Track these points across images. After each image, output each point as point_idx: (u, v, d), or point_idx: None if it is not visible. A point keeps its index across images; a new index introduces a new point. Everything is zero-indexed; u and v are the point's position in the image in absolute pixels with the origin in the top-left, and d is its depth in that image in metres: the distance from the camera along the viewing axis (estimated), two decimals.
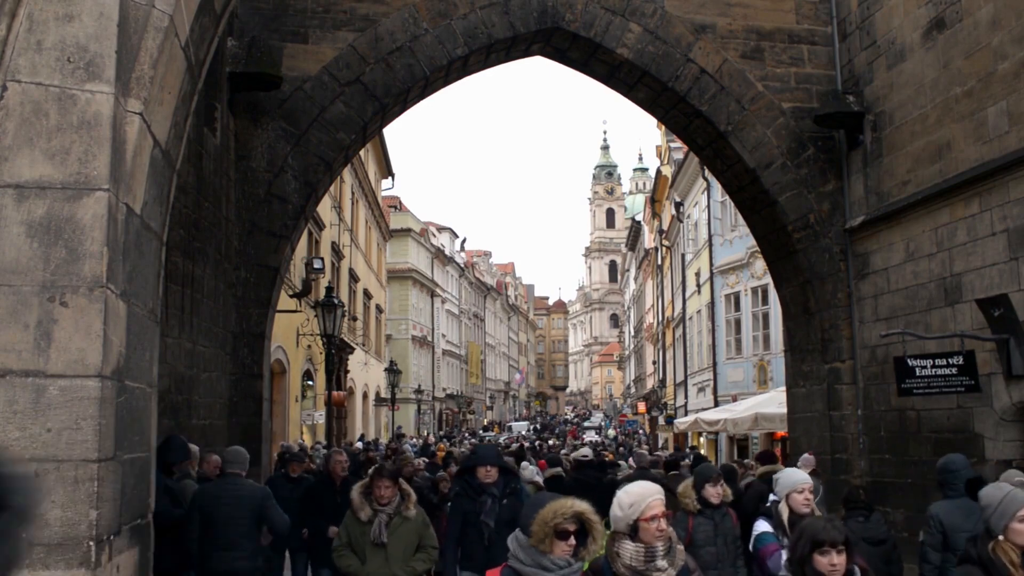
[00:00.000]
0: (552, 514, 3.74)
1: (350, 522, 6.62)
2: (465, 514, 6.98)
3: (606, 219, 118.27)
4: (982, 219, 9.04)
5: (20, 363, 3.59)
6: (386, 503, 6.56)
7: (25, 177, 3.68)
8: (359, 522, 6.54)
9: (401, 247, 47.24)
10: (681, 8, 11.57)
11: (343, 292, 26.95)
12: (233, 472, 7.00)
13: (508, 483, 7.15)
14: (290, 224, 10.70)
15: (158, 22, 4.10)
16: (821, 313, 11.67)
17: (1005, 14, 8.73)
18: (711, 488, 6.76)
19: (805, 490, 5.74)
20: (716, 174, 13.35)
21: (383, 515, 6.50)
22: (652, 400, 44.38)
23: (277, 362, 18.68)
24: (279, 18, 10.78)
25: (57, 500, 3.56)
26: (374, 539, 6.43)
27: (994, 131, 8.87)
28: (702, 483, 6.80)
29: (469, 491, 7.05)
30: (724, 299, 26.20)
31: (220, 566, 6.64)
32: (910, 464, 10.07)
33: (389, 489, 6.60)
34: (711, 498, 6.73)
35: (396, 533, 6.49)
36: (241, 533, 6.75)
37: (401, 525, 6.54)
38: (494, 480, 7.03)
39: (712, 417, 19.96)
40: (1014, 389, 8.58)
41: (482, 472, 7.06)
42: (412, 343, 47.76)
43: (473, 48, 11.13)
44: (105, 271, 3.71)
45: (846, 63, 11.71)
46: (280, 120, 10.63)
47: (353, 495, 6.63)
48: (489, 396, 79.45)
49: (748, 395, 21.89)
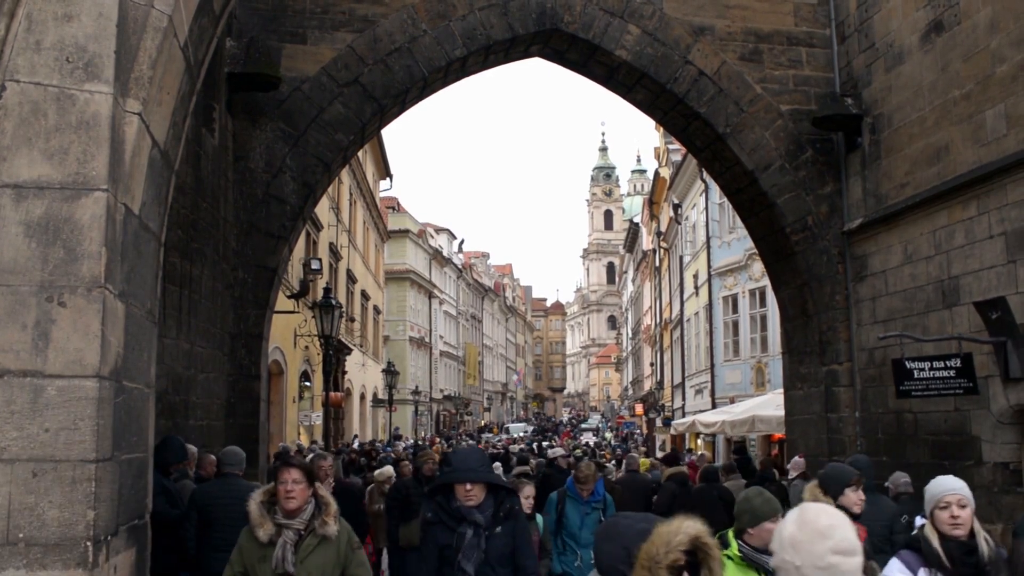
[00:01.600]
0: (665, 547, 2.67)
1: (245, 543, 4.80)
2: (441, 550, 5.04)
3: (604, 221, 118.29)
4: (980, 222, 9.05)
5: (18, 363, 3.58)
6: (294, 512, 4.72)
7: (23, 177, 3.67)
8: (257, 543, 4.72)
9: (399, 248, 47.23)
10: (680, 10, 11.58)
11: (341, 293, 26.95)
12: (230, 472, 6.98)
13: (501, 505, 5.13)
14: (288, 225, 10.69)
15: (157, 22, 4.09)
16: (819, 315, 11.68)
17: (1003, 17, 8.75)
18: (852, 494, 5.32)
19: (952, 505, 4.36)
20: (714, 176, 13.36)
21: (289, 532, 4.71)
22: (650, 402, 44.36)
23: (275, 363, 18.68)
24: (278, 19, 10.78)
25: (54, 500, 3.55)
26: (276, 568, 4.66)
27: (992, 134, 8.88)
28: (840, 487, 5.33)
29: (444, 518, 5.08)
30: (722, 301, 26.21)
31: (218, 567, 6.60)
32: (907, 466, 10.05)
33: (299, 489, 4.73)
34: (852, 507, 5.17)
35: (309, 560, 4.70)
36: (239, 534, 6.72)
37: (316, 548, 4.73)
38: (478, 502, 5.04)
39: (710, 419, 19.96)
40: (1011, 392, 8.59)
41: (461, 492, 5.03)
42: (410, 344, 47.73)
43: (472, 49, 11.13)
44: (103, 271, 3.70)
45: (844, 65, 11.73)
46: (278, 121, 10.63)
47: (250, 505, 4.81)
48: (486, 397, 79.41)
49: (746, 397, 21.88)
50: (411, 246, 49.36)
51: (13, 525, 3.50)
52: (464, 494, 5.02)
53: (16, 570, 3.48)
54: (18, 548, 3.50)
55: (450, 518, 5.04)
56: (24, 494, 3.53)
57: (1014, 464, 8.68)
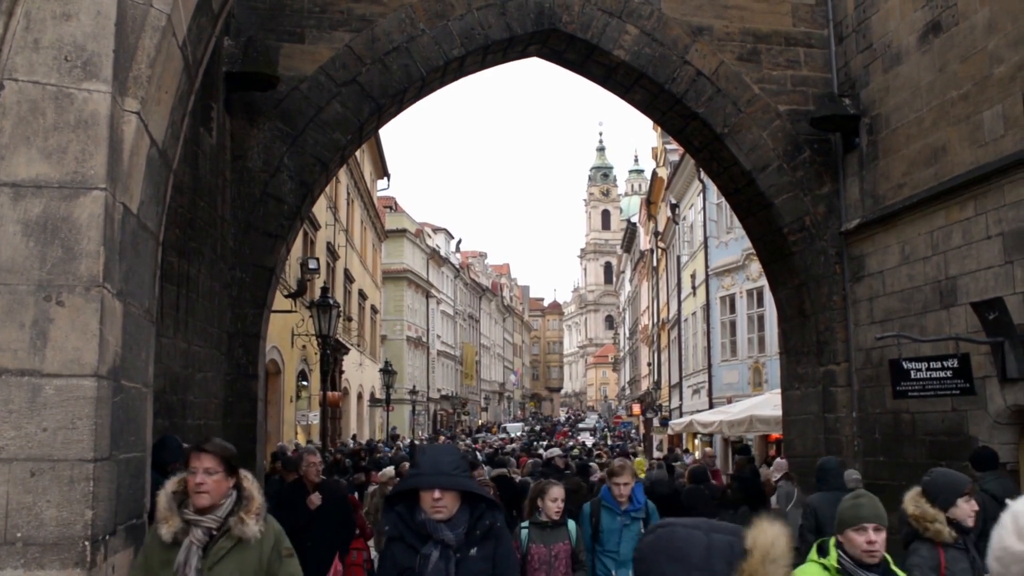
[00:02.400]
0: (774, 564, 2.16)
1: (149, 542, 3.94)
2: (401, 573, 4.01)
3: (602, 221, 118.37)
4: (977, 222, 9.06)
5: (16, 362, 3.58)
6: (205, 507, 3.83)
7: (22, 176, 3.67)
8: (160, 543, 3.82)
9: (396, 248, 47.21)
10: (678, 10, 11.59)
11: (338, 293, 26.93)
12: None
13: (479, 520, 4.07)
14: (286, 224, 10.68)
15: (156, 21, 4.09)
16: (816, 315, 11.69)
17: (1001, 18, 8.76)
18: (965, 505, 4.69)
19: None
20: (712, 176, 13.37)
21: (198, 531, 3.81)
22: (647, 402, 44.39)
23: (272, 362, 18.66)
24: (276, 18, 10.77)
25: (52, 500, 3.55)
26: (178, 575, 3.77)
27: (990, 135, 8.89)
28: (951, 497, 4.69)
29: (406, 534, 4.03)
30: (719, 301, 26.21)
31: None
32: (904, 467, 10.07)
33: (213, 481, 3.84)
34: (965, 520, 4.65)
35: (220, 566, 3.81)
36: None
37: (230, 552, 3.84)
38: (449, 515, 3.99)
39: (707, 419, 19.98)
40: (1008, 392, 8.60)
41: (428, 501, 3.99)
42: (407, 344, 47.72)
43: (470, 49, 11.12)
44: (101, 270, 3.70)
45: (842, 66, 11.74)
46: (276, 120, 10.62)
47: (159, 496, 3.92)
48: (484, 397, 79.42)
49: (743, 397, 21.90)
50: (408, 246, 49.35)
51: (11, 525, 3.50)
52: (432, 504, 3.95)
53: (14, 570, 3.48)
54: (16, 548, 3.50)
55: (413, 535, 3.99)
56: (22, 493, 3.52)
57: (1011, 464, 8.69)
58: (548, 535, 6.40)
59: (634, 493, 6.98)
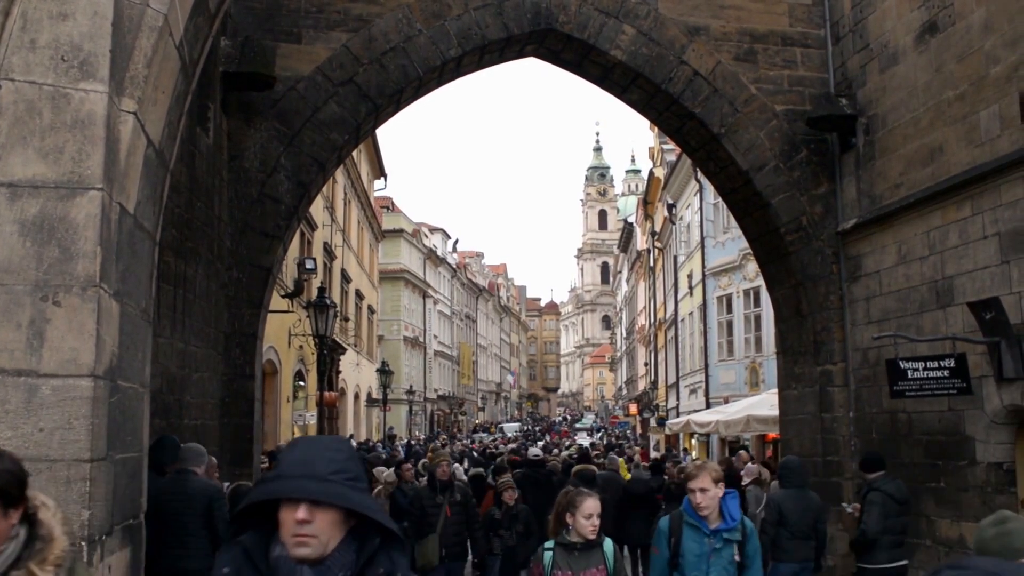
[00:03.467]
0: None
1: None
2: None
3: (598, 221, 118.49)
4: (974, 222, 9.07)
5: (12, 362, 3.58)
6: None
7: (18, 176, 3.67)
8: None
9: (393, 248, 47.21)
10: (675, 10, 11.59)
11: (335, 293, 26.92)
12: (187, 469, 6.77)
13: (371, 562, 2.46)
14: (282, 224, 10.67)
15: (152, 21, 4.08)
16: (813, 315, 11.70)
17: (997, 18, 8.77)
18: None
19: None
20: (709, 176, 13.37)
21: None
22: (644, 402, 44.42)
23: (269, 362, 18.65)
24: (272, 18, 10.75)
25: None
26: None
27: (986, 135, 8.90)
28: None
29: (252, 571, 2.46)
30: (716, 301, 26.24)
31: (169, 564, 6.43)
32: (901, 466, 10.08)
33: None
34: None
35: None
36: (191, 531, 6.47)
37: None
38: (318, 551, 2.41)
39: (704, 419, 19.99)
40: (1005, 392, 8.61)
41: (288, 523, 2.38)
42: (404, 344, 47.71)
43: (467, 49, 11.12)
44: (98, 271, 3.69)
45: (839, 66, 11.75)
46: (273, 120, 10.61)
47: None
48: (481, 397, 79.43)
49: (740, 397, 21.92)
50: (405, 246, 49.34)
51: None
52: (293, 531, 2.38)
53: None
54: None
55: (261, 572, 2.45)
56: None
57: (1008, 464, 8.70)
58: (578, 559, 5.05)
59: (726, 506, 5.32)
